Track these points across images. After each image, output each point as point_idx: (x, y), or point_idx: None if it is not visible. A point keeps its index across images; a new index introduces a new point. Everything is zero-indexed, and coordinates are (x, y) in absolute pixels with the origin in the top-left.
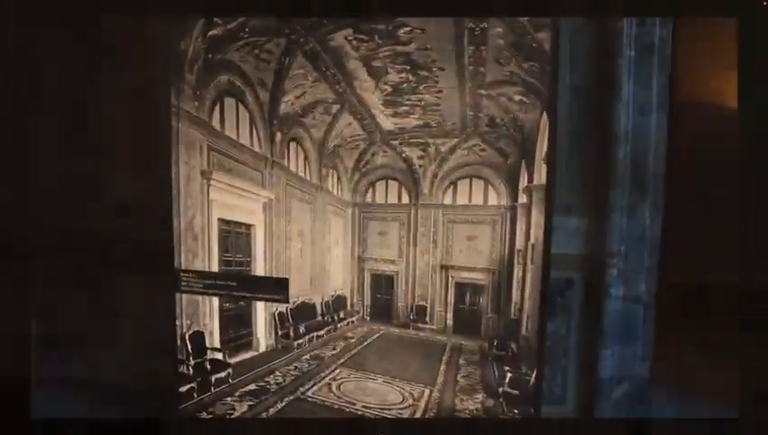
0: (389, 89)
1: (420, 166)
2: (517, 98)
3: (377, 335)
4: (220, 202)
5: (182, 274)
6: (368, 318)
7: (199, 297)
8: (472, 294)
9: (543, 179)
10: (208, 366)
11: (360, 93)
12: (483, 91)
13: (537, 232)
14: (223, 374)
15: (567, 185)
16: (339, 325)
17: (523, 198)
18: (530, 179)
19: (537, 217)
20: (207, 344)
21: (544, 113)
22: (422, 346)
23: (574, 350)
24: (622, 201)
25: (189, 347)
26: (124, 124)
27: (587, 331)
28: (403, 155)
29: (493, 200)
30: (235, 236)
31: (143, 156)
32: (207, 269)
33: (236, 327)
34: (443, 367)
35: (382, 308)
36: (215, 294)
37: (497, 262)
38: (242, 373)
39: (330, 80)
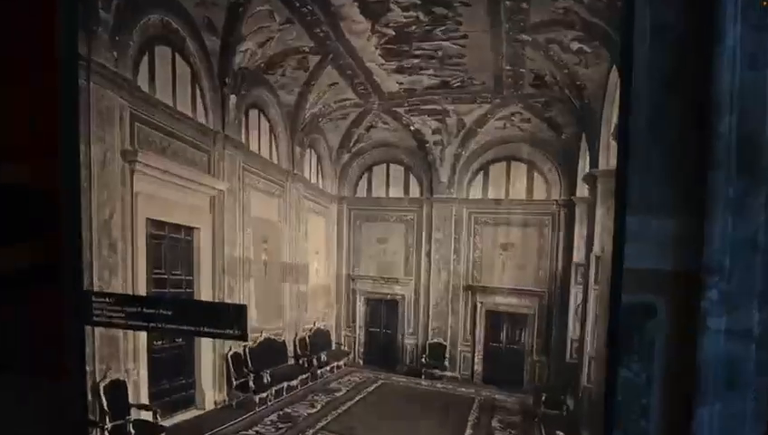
0: (392, 33)
1: (436, 144)
2: (575, 46)
3: (374, 386)
4: (149, 196)
5: (94, 298)
6: (361, 361)
7: (120, 332)
8: (510, 327)
9: (613, 163)
10: (132, 431)
11: (349, 39)
12: (525, 37)
13: (604, 238)
14: None
15: (647, 171)
16: (320, 372)
17: (583, 191)
18: (593, 163)
19: (604, 218)
20: (131, 400)
21: (614, 68)
22: (439, 402)
23: (657, 407)
24: (726, 193)
25: (105, 404)
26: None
27: (675, 380)
28: (412, 128)
29: (540, 194)
30: (170, 245)
31: (38, 130)
32: (131, 292)
33: (172, 375)
34: (469, 433)
35: (382, 347)
36: (141, 328)
37: (546, 282)
38: None
39: (306, 20)
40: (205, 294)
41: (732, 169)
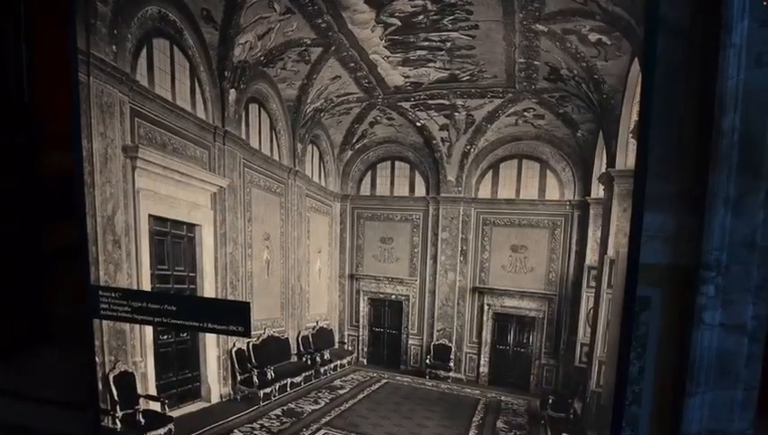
0: (397, 23)
1: (444, 140)
2: (594, 37)
3: (378, 385)
4: (151, 192)
5: (101, 292)
6: (364, 361)
7: (126, 326)
8: (518, 330)
9: (630, 163)
10: (142, 420)
11: (352, 30)
12: (541, 27)
13: (619, 241)
14: (162, 431)
15: (657, 167)
16: (323, 370)
17: (598, 191)
18: (610, 163)
19: (620, 219)
20: (140, 390)
21: (635, 61)
22: (443, 402)
23: (650, 395)
24: (725, 191)
25: (115, 393)
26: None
27: (667, 369)
28: (418, 124)
29: (553, 193)
30: (172, 242)
31: (47, 126)
32: (136, 287)
33: (179, 368)
34: (473, 433)
35: (386, 348)
36: (147, 322)
37: (557, 285)
38: (188, 432)
39: (307, 10)
40: (208, 290)
41: (733, 166)
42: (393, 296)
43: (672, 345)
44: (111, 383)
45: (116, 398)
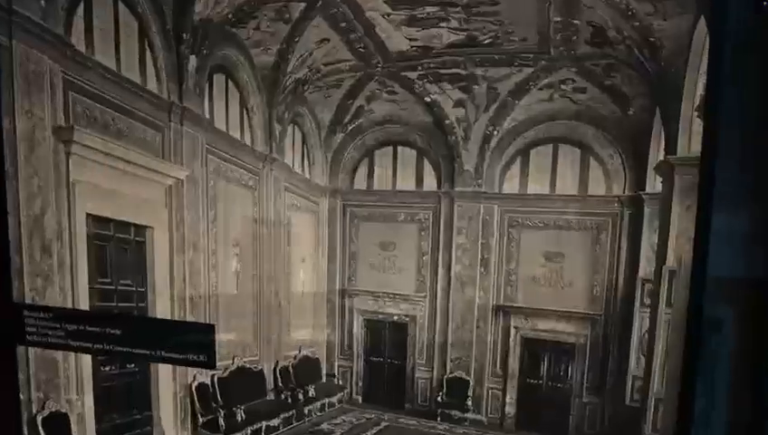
0: None
1: (460, 120)
2: None
3: (376, 429)
4: (90, 186)
5: (27, 312)
6: (359, 398)
7: (59, 355)
8: (553, 359)
9: (696, 148)
10: None
11: None
12: None
13: (682, 247)
14: None
15: (731, 153)
16: (307, 410)
17: (655, 184)
18: (670, 148)
19: (682, 219)
20: None
21: (701, 20)
22: None
23: (721, 422)
24: None
25: None
26: None
27: (743, 411)
28: (427, 99)
29: (597, 187)
30: (117, 248)
31: None
32: (71, 305)
33: (125, 408)
34: None
35: (386, 382)
36: (84, 350)
37: (602, 302)
38: None
39: None
40: (161, 309)
41: None
42: (395, 317)
43: (749, 379)
44: (40, 427)
45: None
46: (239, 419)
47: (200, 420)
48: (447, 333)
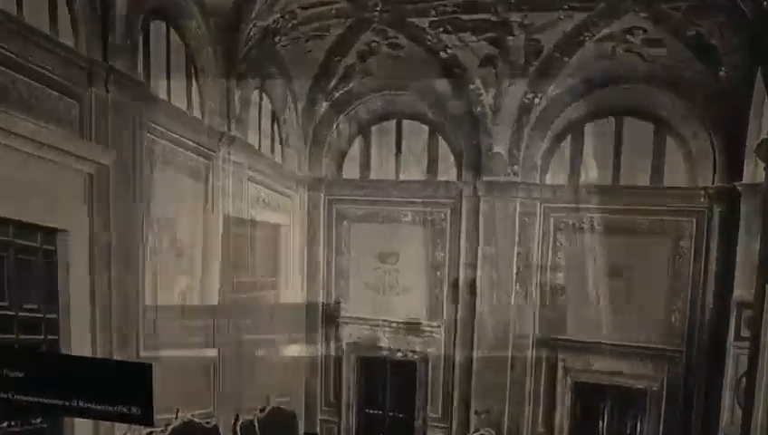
0: None
1: (488, 84)
2: None
3: None
4: None
5: None
6: None
7: None
8: (616, 411)
9: None
10: None
11: None
12: None
13: None
14: None
15: None
16: None
17: (756, 172)
18: None
19: None
20: None
21: None
22: None
23: None
24: None
25: None
26: None
27: None
28: (443, 55)
29: (677, 176)
30: (17, 259)
31: None
32: None
33: None
34: None
35: None
36: None
37: (683, 334)
38: None
39: None
40: (79, 344)
41: None
42: (399, 354)
43: None
44: None
45: None
46: None
47: None
48: (470, 374)
